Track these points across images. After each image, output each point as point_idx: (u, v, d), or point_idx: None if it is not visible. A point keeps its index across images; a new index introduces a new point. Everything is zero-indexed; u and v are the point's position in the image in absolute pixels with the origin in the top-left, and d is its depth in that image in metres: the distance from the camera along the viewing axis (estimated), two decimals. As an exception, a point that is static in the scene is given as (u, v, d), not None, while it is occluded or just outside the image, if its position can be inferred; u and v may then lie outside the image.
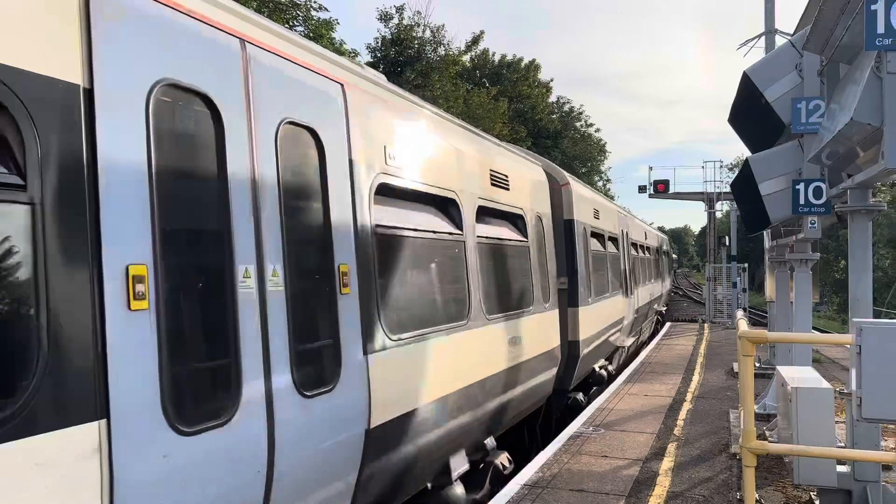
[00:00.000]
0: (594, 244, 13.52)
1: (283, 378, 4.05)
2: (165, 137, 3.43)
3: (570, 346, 11.32)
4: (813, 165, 7.91)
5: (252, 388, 3.79)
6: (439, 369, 6.15)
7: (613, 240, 16.34)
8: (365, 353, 4.92)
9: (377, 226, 5.31)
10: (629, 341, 18.74)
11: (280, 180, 4.19)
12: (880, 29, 5.09)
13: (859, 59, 6.06)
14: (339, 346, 4.61)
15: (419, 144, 6.28)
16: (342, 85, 5.07)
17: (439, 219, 6.65)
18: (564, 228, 11.41)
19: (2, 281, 2.67)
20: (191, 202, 3.59)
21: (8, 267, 2.67)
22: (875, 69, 5.23)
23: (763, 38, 14.02)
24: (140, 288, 3.14)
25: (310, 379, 4.26)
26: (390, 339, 5.30)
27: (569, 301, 11.36)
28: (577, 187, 12.61)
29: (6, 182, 2.68)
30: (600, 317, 13.48)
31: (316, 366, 4.37)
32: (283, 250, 4.16)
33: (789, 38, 9.21)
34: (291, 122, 4.38)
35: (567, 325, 11.18)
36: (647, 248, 25.72)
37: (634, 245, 21.12)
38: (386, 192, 5.59)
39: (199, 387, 3.54)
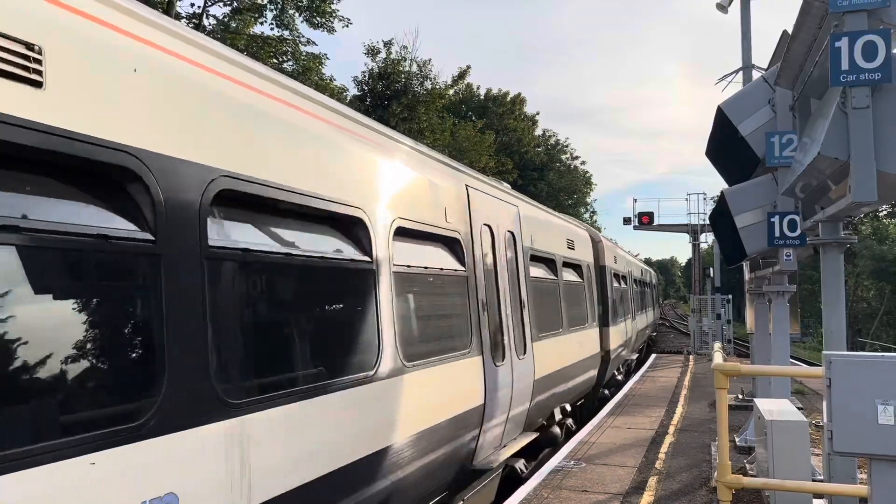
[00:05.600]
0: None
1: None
2: None
3: None
4: (787, 198, 8.00)
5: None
6: None
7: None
8: None
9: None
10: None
11: None
12: (845, 66, 5.19)
13: (828, 94, 6.17)
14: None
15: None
16: None
17: None
18: None
19: None
20: None
21: None
22: (841, 105, 5.33)
23: (741, 73, 14.29)
24: None
25: None
26: None
27: None
28: None
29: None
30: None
31: None
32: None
33: (763, 72, 9.38)
34: None
35: None
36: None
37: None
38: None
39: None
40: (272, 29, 26.37)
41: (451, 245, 7.14)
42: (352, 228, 5.12)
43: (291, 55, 27.24)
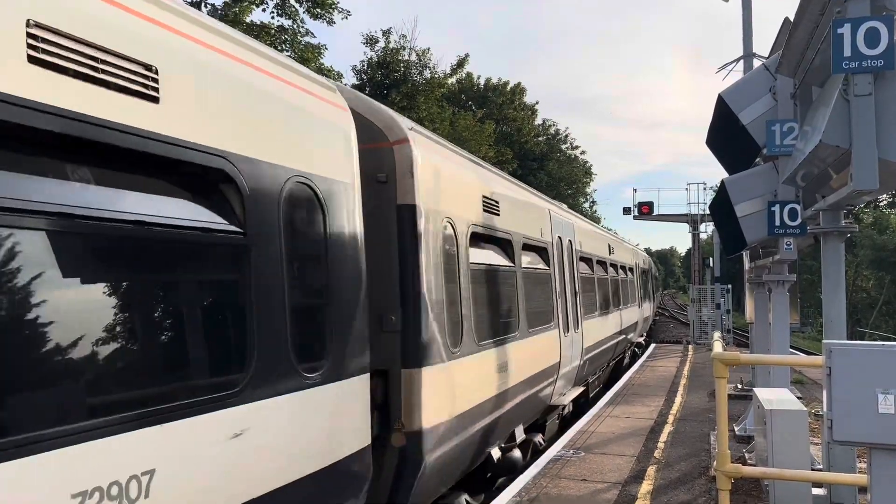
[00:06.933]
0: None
1: None
2: None
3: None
4: (788, 187, 7.96)
5: None
6: None
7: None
8: None
9: None
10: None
11: None
12: (847, 52, 5.14)
13: (830, 81, 6.12)
14: None
15: None
16: None
17: None
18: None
19: None
20: None
21: None
22: (843, 92, 5.28)
23: (742, 61, 14.23)
24: None
25: None
26: None
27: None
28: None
29: None
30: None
31: None
32: None
33: (763, 60, 9.32)
34: None
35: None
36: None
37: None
38: None
39: None
40: (273, 18, 26.22)
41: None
42: None
43: (290, 45, 27.10)
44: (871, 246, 49.50)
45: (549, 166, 54.20)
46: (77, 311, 2.92)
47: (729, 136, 8.97)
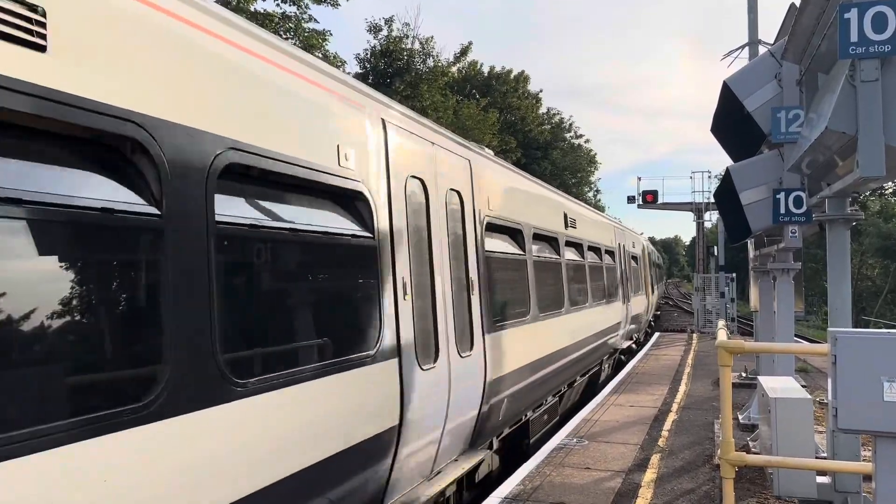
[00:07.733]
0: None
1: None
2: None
3: None
4: (793, 174, 7.90)
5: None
6: None
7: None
8: None
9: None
10: None
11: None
12: (854, 37, 5.08)
13: (836, 67, 6.06)
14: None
15: None
16: None
17: None
18: None
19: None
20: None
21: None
22: (849, 78, 5.23)
23: (746, 48, 14.09)
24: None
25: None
26: None
27: None
28: None
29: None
30: None
31: None
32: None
33: (769, 47, 9.23)
34: None
35: None
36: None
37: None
38: None
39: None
40: (278, 5, 26.09)
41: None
42: None
43: (294, 32, 26.98)
44: (877, 234, 49.36)
45: (554, 155, 54.03)
46: None
47: (734, 123, 8.90)
